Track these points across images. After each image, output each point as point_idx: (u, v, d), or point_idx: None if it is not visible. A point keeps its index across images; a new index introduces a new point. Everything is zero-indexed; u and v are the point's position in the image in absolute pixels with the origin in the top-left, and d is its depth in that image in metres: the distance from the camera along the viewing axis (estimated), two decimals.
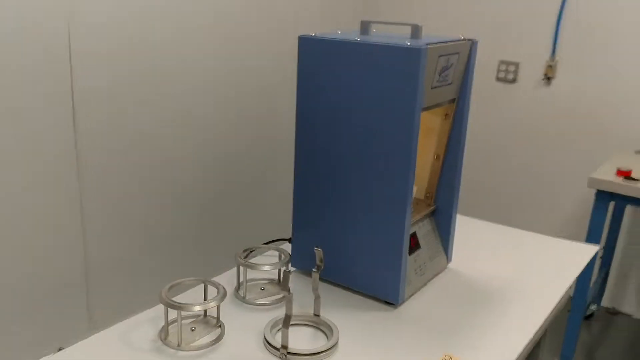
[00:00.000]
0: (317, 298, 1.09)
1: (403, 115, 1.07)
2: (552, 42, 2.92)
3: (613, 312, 2.90)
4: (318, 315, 1.10)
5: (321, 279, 1.27)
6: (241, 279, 1.21)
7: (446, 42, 1.12)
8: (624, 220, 2.84)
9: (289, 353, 1.00)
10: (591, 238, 2.22)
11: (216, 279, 1.25)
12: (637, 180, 2.14)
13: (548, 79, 2.96)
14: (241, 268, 1.20)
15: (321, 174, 1.19)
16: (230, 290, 1.21)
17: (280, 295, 1.20)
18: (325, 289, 1.24)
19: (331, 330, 1.07)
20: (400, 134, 1.08)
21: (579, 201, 2.95)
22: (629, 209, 2.82)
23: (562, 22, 2.87)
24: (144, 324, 1.10)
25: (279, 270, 1.24)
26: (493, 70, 3.10)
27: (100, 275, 2.12)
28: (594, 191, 2.25)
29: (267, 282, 1.25)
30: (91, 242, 2.06)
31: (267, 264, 1.17)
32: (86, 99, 1.93)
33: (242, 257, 1.19)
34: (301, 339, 1.06)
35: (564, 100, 2.93)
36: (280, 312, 1.13)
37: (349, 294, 1.23)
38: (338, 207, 1.19)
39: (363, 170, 1.14)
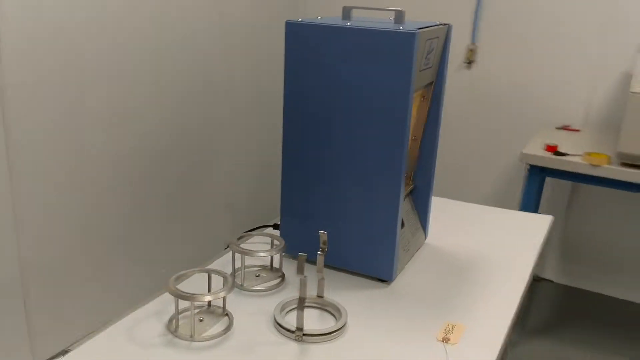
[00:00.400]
0: (321, 280, 1.12)
1: (397, 98, 1.11)
2: (472, 29, 3.06)
3: (537, 279, 3.11)
4: (322, 297, 1.13)
5: (310, 261, 1.29)
6: (237, 266, 1.21)
7: (429, 26, 1.17)
8: (544, 191, 3.05)
9: (304, 334, 1.02)
10: (525, 209, 2.37)
11: (210, 267, 1.24)
12: (565, 154, 2.31)
13: (469, 63, 3.11)
14: (237, 255, 1.19)
15: (311, 159, 1.21)
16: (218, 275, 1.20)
17: (277, 281, 1.21)
18: (312, 269, 1.26)
19: (338, 310, 1.09)
20: (393, 116, 1.12)
21: (505, 175, 3.14)
22: (548, 180, 3.03)
23: (480, 7, 3.01)
24: (146, 319, 1.07)
25: (272, 257, 1.25)
26: None
27: (37, 279, 2.03)
28: (524, 166, 2.40)
29: (259, 268, 1.25)
30: (25, 246, 1.96)
31: (264, 250, 1.18)
32: (16, 96, 1.83)
33: (237, 244, 1.19)
34: (309, 321, 1.08)
35: (485, 83, 3.09)
36: (279, 297, 1.15)
37: (341, 274, 1.26)
38: (329, 190, 1.21)
39: (355, 154, 1.17)
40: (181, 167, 2.74)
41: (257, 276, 1.22)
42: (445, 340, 1.05)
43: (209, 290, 1.12)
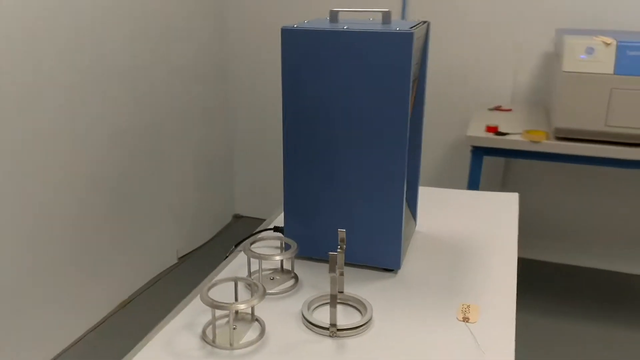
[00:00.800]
0: (340, 275, 1.16)
1: (397, 96, 1.16)
2: (401, 9, 3.16)
3: None
4: (342, 292, 1.17)
5: (312, 259, 1.33)
6: (253, 270, 1.23)
7: (416, 25, 1.23)
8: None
9: (338, 329, 1.06)
10: (472, 189, 2.51)
11: (220, 275, 1.25)
12: (506, 133, 2.46)
13: None
14: (252, 260, 1.21)
15: (314, 162, 1.25)
16: (241, 282, 1.22)
17: (292, 282, 1.24)
18: (319, 267, 1.30)
19: (362, 304, 1.14)
20: (394, 114, 1.17)
21: (441, 157, 3.28)
22: (485, 159, 3.20)
23: None
24: (178, 332, 1.08)
25: (282, 260, 1.28)
26: None
27: None
28: (469, 147, 2.54)
29: (271, 271, 1.28)
30: None
31: (279, 254, 1.20)
32: None
33: (250, 249, 1.21)
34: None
35: None
36: (298, 298, 1.18)
37: (347, 269, 1.30)
38: (333, 190, 1.25)
39: (358, 152, 1.21)
40: (125, 177, 2.68)
41: (271, 279, 1.25)
42: (465, 319, 1.12)
43: (236, 298, 1.13)
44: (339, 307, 1.17)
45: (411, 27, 1.18)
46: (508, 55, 3.03)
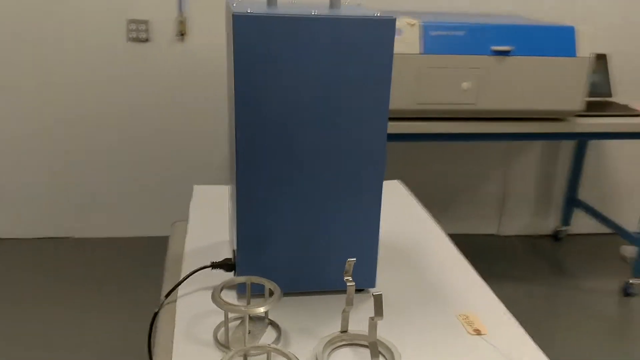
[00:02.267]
0: (348, 313, 0.96)
1: (377, 88, 1.00)
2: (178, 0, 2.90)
3: None
4: (346, 331, 0.97)
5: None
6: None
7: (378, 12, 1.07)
8: None
9: None
10: None
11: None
12: None
13: (182, 35, 2.94)
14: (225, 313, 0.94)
15: (276, 173, 1.01)
16: (210, 339, 0.94)
17: (273, 333, 0.99)
18: (290, 305, 1.07)
19: (388, 349, 0.95)
20: (372, 109, 1.01)
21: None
22: None
23: None
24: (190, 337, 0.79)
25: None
26: (122, 30, 2.89)
27: None
28: None
29: (239, 322, 1.01)
30: None
31: (265, 304, 0.93)
32: None
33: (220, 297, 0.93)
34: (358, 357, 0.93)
35: (203, 52, 2.97)
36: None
37: (312, 298, 1.10)
38: (300, 207, 1.03)
39: (330, 157, 1.02)
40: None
41: (249, 332, 0.98)
42: (477, 332, 1.03)
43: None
44: (345, 349, 0.97)
45: (372, 13, 1.02)
46: None
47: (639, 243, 2.82)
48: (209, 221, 1.37)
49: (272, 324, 1.00)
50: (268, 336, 0.97)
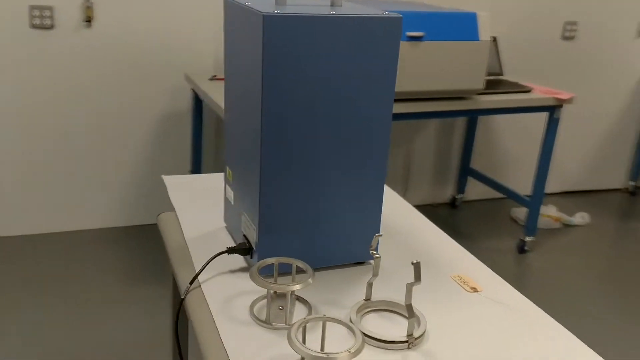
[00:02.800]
0: (371, 283, 1.08)
1: (384, 81, 1.10)
2: None
3: None
4: (369, 299, 1.09)
5: (284, 273, 1.18)
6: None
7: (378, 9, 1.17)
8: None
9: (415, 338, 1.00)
10: None
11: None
12: None
13: (89, 21, 2.84)
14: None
15: (297, 159, 1.09)
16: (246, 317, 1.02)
17: (304, 308, 1.08)
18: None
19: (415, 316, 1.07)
20: (379, 102, 1.11)
21: (149, 134, 3.08)
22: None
23: None
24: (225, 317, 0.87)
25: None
26: (25, 16, 2.75)
27: None
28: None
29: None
30: None
31: (298, 282, 1.02)
32: None
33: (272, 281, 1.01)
34: (381, 324, 1.05)
35: (112, 39, 2.90)
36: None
37: (322, 273, 1.20)
38: (317, 190, 1.12)
39: (341, 146, 1.11)
40: None
41: (280, 309, 1.06)
42: (474, 290, 1.18)
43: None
44: (372, 314, 1.08)
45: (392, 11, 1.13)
46: (210, 25, 2.98)
47: (530, 205, 3.17)
48: (197, 210, 1.41)
49: (299, 299, 1.09)
50: (300, 310, 1.06)
